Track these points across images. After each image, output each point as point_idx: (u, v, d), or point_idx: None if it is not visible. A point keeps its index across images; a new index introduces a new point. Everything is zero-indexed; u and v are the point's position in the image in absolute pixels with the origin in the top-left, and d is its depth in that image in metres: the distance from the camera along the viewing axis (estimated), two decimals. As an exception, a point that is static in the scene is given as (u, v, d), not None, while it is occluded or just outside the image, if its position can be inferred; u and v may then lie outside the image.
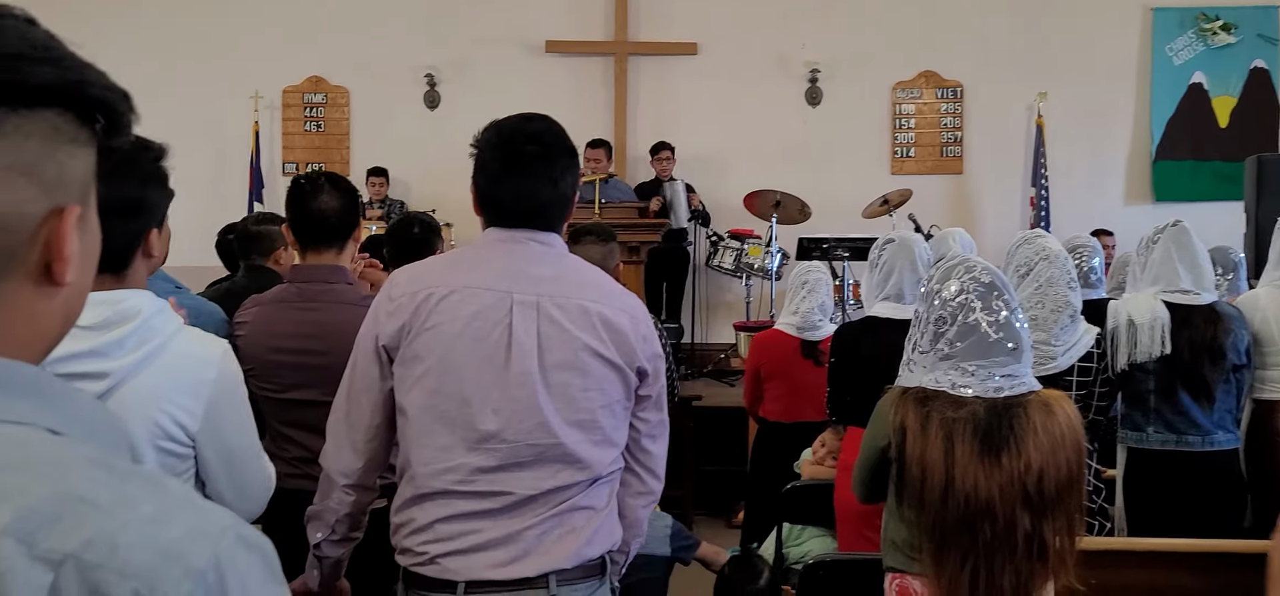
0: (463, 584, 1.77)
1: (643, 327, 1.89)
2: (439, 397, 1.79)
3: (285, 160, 8.37)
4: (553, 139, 1.89)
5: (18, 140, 0.67)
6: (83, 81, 0.70)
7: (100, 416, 0.74)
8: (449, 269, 1.89)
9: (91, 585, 0.61)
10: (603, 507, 1.87)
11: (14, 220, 0.68)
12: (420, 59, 8.11)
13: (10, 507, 0.61)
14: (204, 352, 1.72)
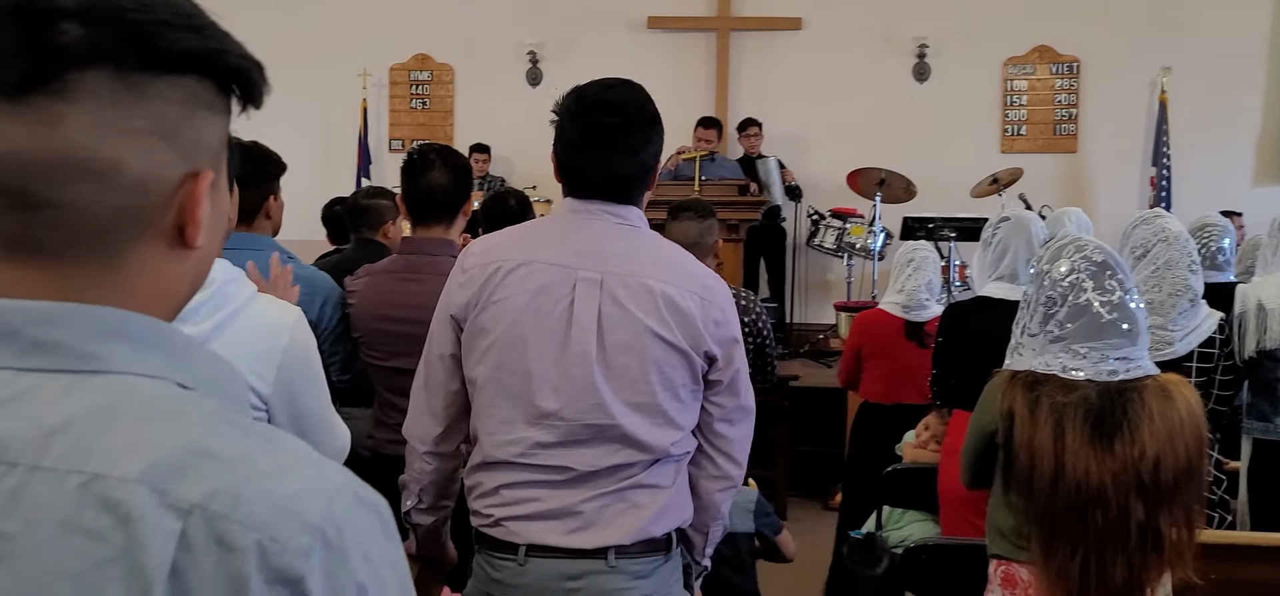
0: (524, 546, 1.78)
1: (715, 312, 1.82)
2: (502, 371, 1.79)
3: (391, 137, 8.55)
4: (634, 109, 1.84)
5: (160, 105, 0.69)
6: (222, 50, 0.72)
7: (223, 373, 0.76)
8: (520, 242, 1.87)
9: (217, 534, 0.63)
10: (669, 486, 1.84)
11: (152, 183, 0.69)
12: (523, 37, 8.18)
13: (144, 457, 0.63)
14: (277, 319, 1.76)
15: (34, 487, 0.63)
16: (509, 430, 1.79)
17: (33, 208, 0.66)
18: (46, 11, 0.64)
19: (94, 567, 0.61)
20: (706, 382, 1.85)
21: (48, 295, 0.67)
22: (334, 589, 0.65)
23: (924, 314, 4.06)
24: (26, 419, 0.65)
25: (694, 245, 3.22)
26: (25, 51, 0.64)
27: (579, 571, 1.77)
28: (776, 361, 3.57)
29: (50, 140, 0.65)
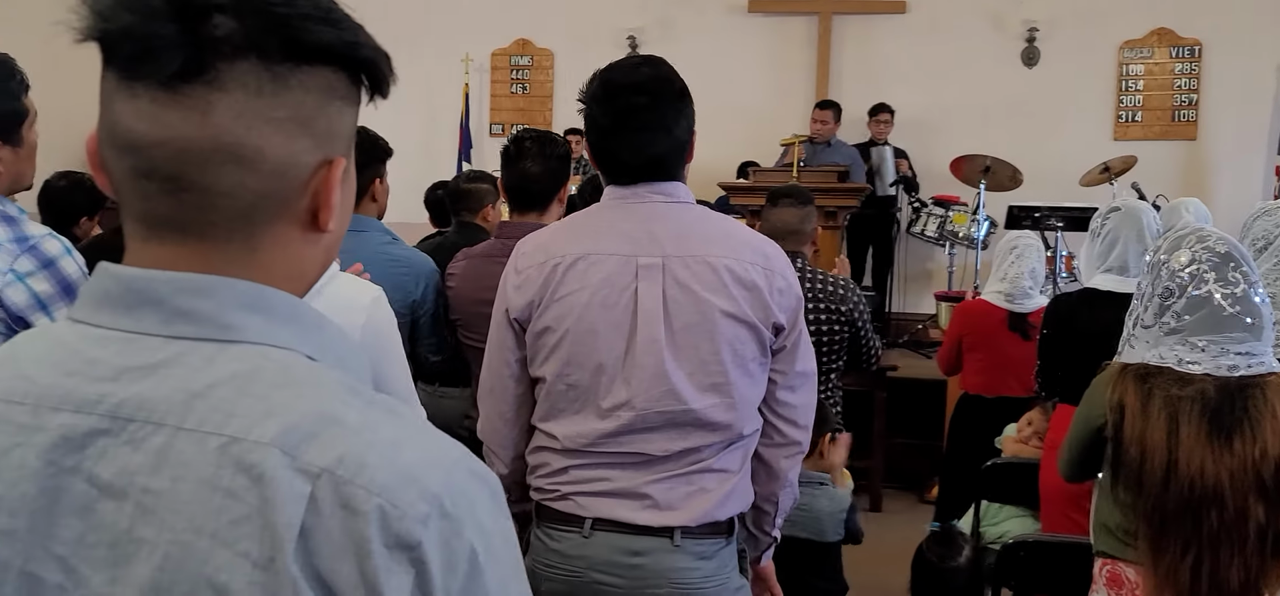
0: (590, 520, 1.78)
1: (778, 280, 1.80)
2: (571, 367, 1.78)
3: (492, 121, 8.68)
4: (662, 85, 1.80)
5: (300, 94, 0.72)
6: (356, 43, 0.75)
7: (348, 347, 0.79)
8: (574, 235, 1.84)
9: (343, 498, 0.66)
10: (736, 470, 1.83)
11: (291, 169, 0.73)
12: (623, 22, 8.20)
13: (277, 422, 0.67)
14: (355, 299, 1.79)
15: (178, 447, 0.67)
16: (579, 423, 1.79)
17: (184, 190, 0.71)
18: (202, 5, 0.68)
19: (231, 525, 0.65)
20: (772, 351, 1.83)
21: (191, 270, 0.72)
22: (449, 556, 0.67)
23: (1028, 304, 3.95)
24: (172, 383, 0.69)
25: (793, 232, 3.19)
26: (182, 43, 0.68)
27: (643, 547, 1.77)
28: (878, 348, 3.50)
29: (202, 127, 0.69)
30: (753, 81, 7.94)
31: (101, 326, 0.72)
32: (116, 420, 0.69)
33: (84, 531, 0.68)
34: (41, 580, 0.68)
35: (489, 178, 3.71)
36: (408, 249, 2.82)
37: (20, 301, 1.77)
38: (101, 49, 0.71)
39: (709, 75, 7.82)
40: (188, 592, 0.65)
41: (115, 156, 0.72)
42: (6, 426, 0.71)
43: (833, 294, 3.22)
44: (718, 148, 7.47)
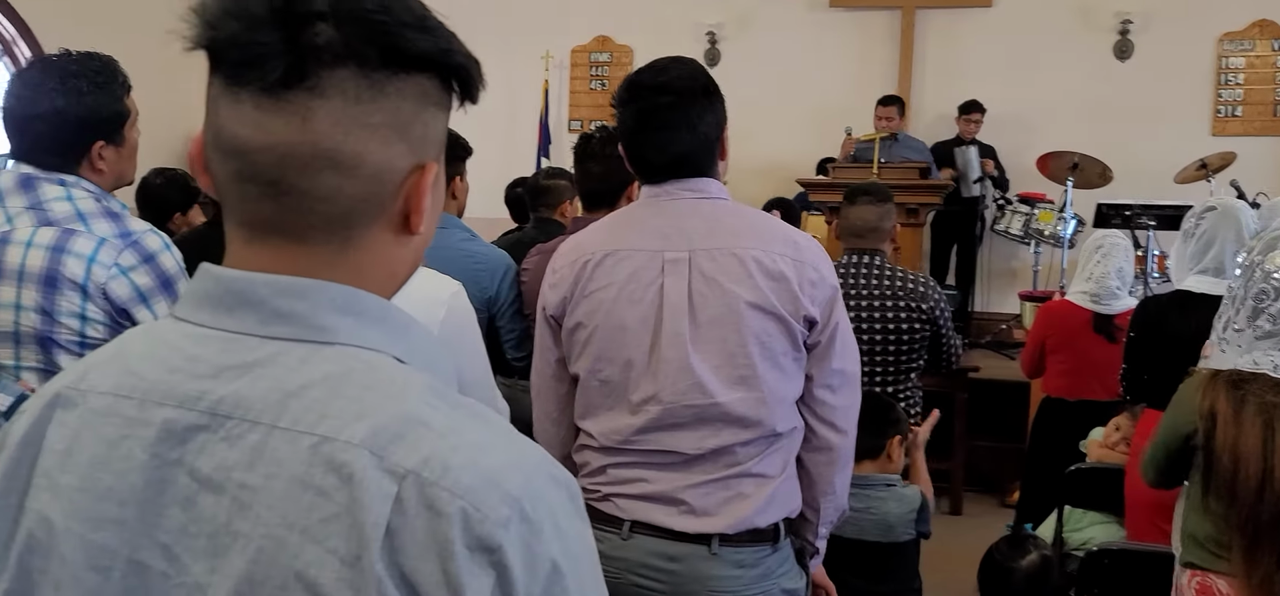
0: (628, 522, 1.79)
1: (809, 272, 1.77)
2: (601, 362, 1.79)
3: (571, 117, 8.74)
4: (685, 84, 1.80)
5: (396, 101, 0.74)
6: (450, 50, 0.77)
7: (435, 349, 0.81)
8: (606, 233, 1.86)
9: (427, 499, 0.67)
10: (777, 475, 1.80)
11: (387, 173, 0.75)
12: (703, 17, 8.18)
13: (366, 424, 0.69)
14: (435, 293, 1.82)
15: (273, 445, 0.70)
16: (612, 418, 1.80)
17: (284, 194, 0.73)
18: (304, 14, 0.70)
19: (321, 522, 0.67)
20: (806, 347, 1.80)
21: (288, 272, 0.74)
22: (529, 559, 0.69)
23: (1114, 305, 3.84)
24: (268, 382, 0.72)
25: (871, 230, 3.16)
26: (285, 50, 0.70)
27: (680, 554, 1.76)
28: (958, 350, 3.44)
29: (303, 133, 0.72)
30: (833, 77, 7.85)
31: (203, 325, 0.75)
32: (215, 417, 0.72)
33: (186, 522, 0.71)
34: (147, 567, 0.71)
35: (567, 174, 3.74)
36: (485, 245, 2.87)
37: (123, 294, 1.84)
38: (209, 56, 0.73)
39: (788, 71, 7.81)
40: (280, 586, 0.67)
41: (220, 160, 0.75)
42: (116, 419, 0.74)
43: (913, 292, 3.18)
44: (796, 144, 7.44)
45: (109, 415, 0.75)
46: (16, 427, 0.79)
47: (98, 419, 0.75)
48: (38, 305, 1.81)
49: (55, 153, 1.87)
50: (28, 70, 1.91)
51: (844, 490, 1.92)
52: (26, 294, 1.82)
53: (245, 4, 0.71)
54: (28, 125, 1.85)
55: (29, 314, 1.82)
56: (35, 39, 6.78)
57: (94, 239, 1.84)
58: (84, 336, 1.84)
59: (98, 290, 1.82)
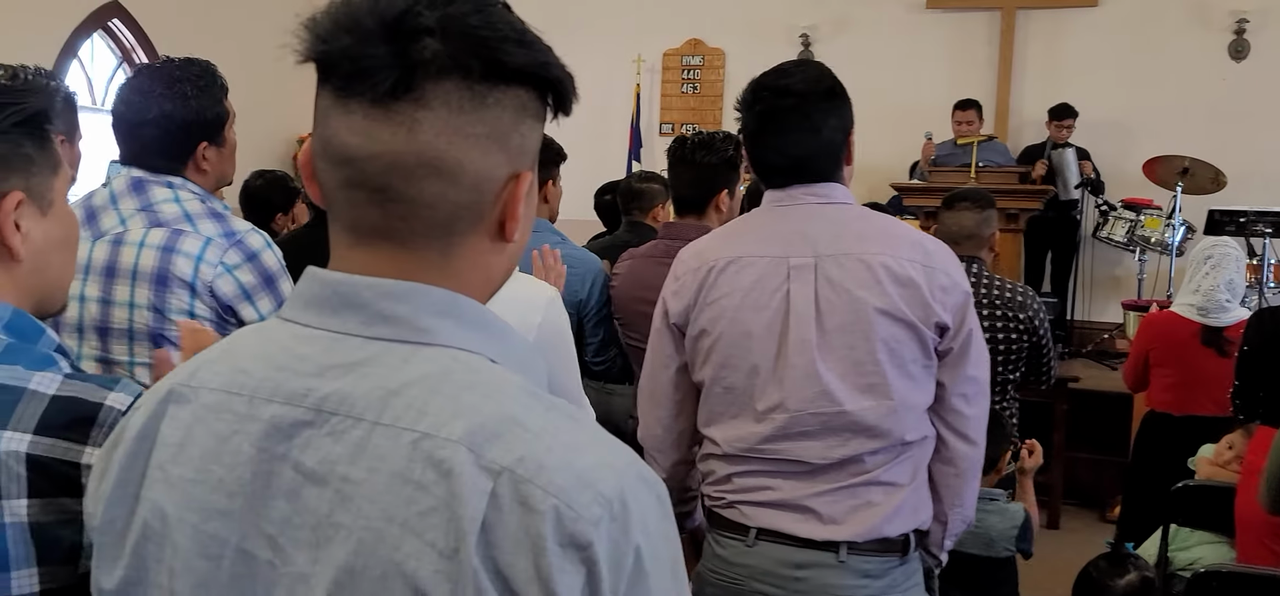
0: (755, 530, 1.77)
1: (941, 277, 1.72)
2: (726, 370, 1.78)
3: (662, 121, 8.76)
4: (808, 86, 1.76)
5: (497, 112, 0.77)
6: (547, 63, 0.79)
7: (529, 353, 0.83)
8: (729, 239, 1.84)
9: (521, 497, 0.69)
10: (906, 484, 1.76)
11: (485, 182, 0.78)
12: (797, 19, 8.11)
13: (464, 422, 0.72)
14: (532, 297, 1.84)
15: (375, 441, 0.73)
16: (737, 426, 1.78)
17: (390, 200, 0.76)
18: (412, 29, 0.73)
19: (420, 515, 0.70)
20: (938, 355, 1.75)
21: (391, 276, 0.77)
22: (617, 557, 0.70)
23: (1224, 318, 3.68)
24: (371, 381, 0.75)
25: (969, 237, 3.09)
26: (393, 63, 0.73)
27: (806, 561, 1.74)
28: (1056, 363, 3.35)
29: (409, 142, 0.75)
30: (930, 80, 7.70)
31: (309, 325, 0.79)
32: (320, 413, 0.75)
33: (291, 514, 0.74)
34: (254, 556, 0.75)
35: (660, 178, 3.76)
36: (576, 249, 2.90)
37: (228, 291, 1.92)
38: (319, 69, 0.77)
39: (884, 74, 7.68)
40: (379, 577, 0.70)
41: (328, 168, 0.78)
42: (227, 415, 0.78)
43: (1011, 301, 3.10)
44: (890, 148, 7.31)
45: (220, 411, 0.78)
46: (133, 422, 0.83)
47: (209, 414, 0.79)
48: (150, 303, 1.89)
49: (163, 155, 1.95)
50: (135, 78, 1.99)
51: (972, 501, 1.89)
52: (140, 292, 1.90)
53: (357, 19, 0.74)
54: (137, 130, 1.94)
55: (142, 311, 1.90)
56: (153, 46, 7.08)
57: (201, 238, 1.92)
58: None
59: (205, 288, 1.90)
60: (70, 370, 1.02)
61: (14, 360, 0.99)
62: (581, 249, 2.97)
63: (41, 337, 1.04)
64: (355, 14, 0.74)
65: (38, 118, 1.04)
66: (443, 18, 0.74)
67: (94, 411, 0.97)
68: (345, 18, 0.74)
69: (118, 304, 1.91)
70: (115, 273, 1.91)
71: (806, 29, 8.10)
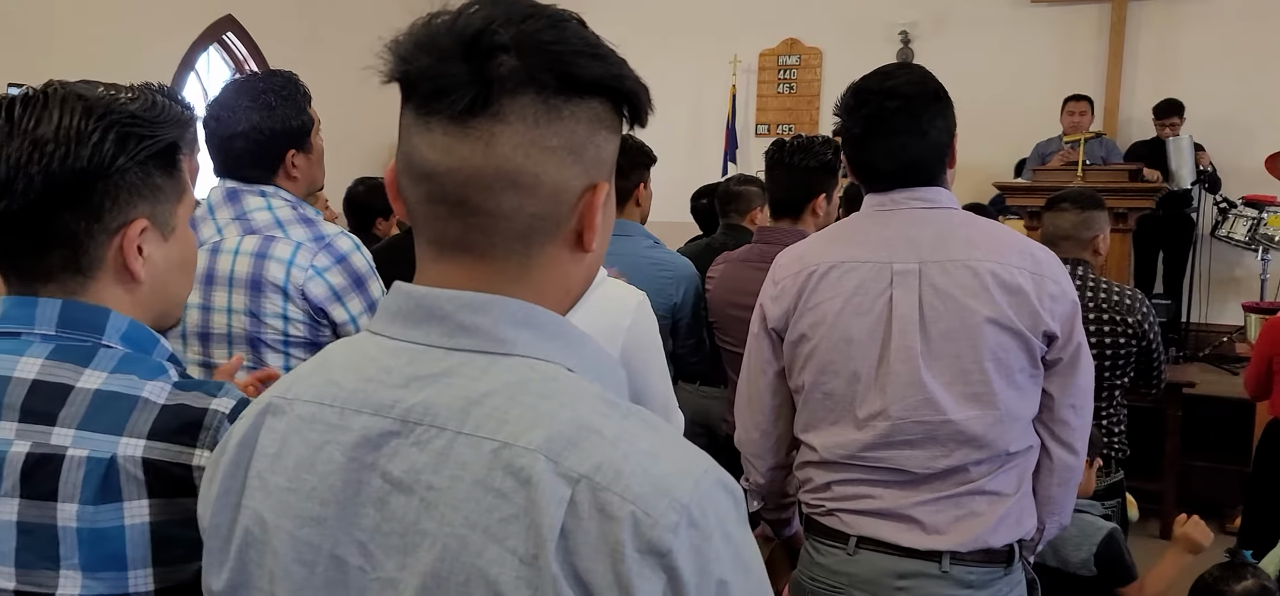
0: (855, 538, 1.75)
1: (1050, 285, 1.68)
2: (826, 376, 1.75)
3: (758, 121, 8.71)
4: (914, 89, 1.74)
5: (572, 125, 0.78)
6: (621, 76, 0.81)
7: (606, 362, 0.85)
8: (829, 244, 1.82)
9: (599, 503, 0.70)
10: (1011, 493, 1.72)
11: (562, 193, 0.79)
12: (896, 16, 7.98)
13: (542, 431, 0.73)
14: (621, 303, 1.84)
15: (457, 450, 0.75)
16: (837, 433, 1.76)
17: (470, 213, 0.78)
18: (488, 47, 0.75)
19: (501, 522, 0.72)
20: (1045, 364, 1.71)
21: (471, 289, 0.79)
22: (699, 563, 0.71)
23: (1356, 322, 3.49)
24: (453, 391, 0.77)
25: (1065, 238, 2.99)
26: (471, 81, 0.75)
27: (909, 570, 1.71)
28: (1165, 368, 3.21)
29: (487, 157, 0.77)
30: (1034, 76, 7.49)
31: (395, 338, 0.81)
32: (406, 423, 0.77)
33: (380, 521, 0.76)
34: (346, 562, 0.78)
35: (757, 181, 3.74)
36: (670, 253, 2.90)
37: (319, 293, 1.98)
38: (402, 88, 0.80)
39: (986, 70, 7.50)
40: (463, 582, 0.72)
41: (411, 183, 0.80)
42: (319, 425, 0.81)
43: (1119, 304, 2.99)
44: (995, 146, 7.14)
45: (313, 422, 0.81)
46: (235, 433, 0.87)
47: (303, 425, 0.82)
48: (246, 308, 1.97)
49: (255, 165, 2.02)
50: (222, 94, 2.07)
51: (1069, 510, 1.86)
52: (236, 298, 1.98)
53: (435, 39, 0.76)
54: (228, 143, 2.01)
55: (239, 316, 1.98)
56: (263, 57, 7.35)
57: (291, 244, 1.98)
58: (287, 336, 1.98)
59: (297, 291, 1.96)
60: (179, 378, 1.07)
61: (130, 370, 1.04)
62: (674, 253, 2.97)
63: (156, 348, 1.09)
64: (434, 34, 0.76)
65: (170, 149, 1.09)
66: (518, 35, 0.75)
67: (200, 416, 1.02)
68: (425, 38, 0.77)
69: (216, 310, 1.99)
70: (213, 280, 1.99)
71: (906, 26, 7.95)
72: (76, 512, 0.97)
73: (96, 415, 1.00)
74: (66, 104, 1.02)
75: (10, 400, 1.01)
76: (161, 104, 1.07)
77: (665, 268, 2.77)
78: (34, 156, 0.99)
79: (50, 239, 1.03)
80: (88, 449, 0.98)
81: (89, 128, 1.01)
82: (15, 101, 1.03)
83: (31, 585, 0.98)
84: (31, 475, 0.98)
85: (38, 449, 0.99)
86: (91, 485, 0.97)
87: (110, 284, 1.06)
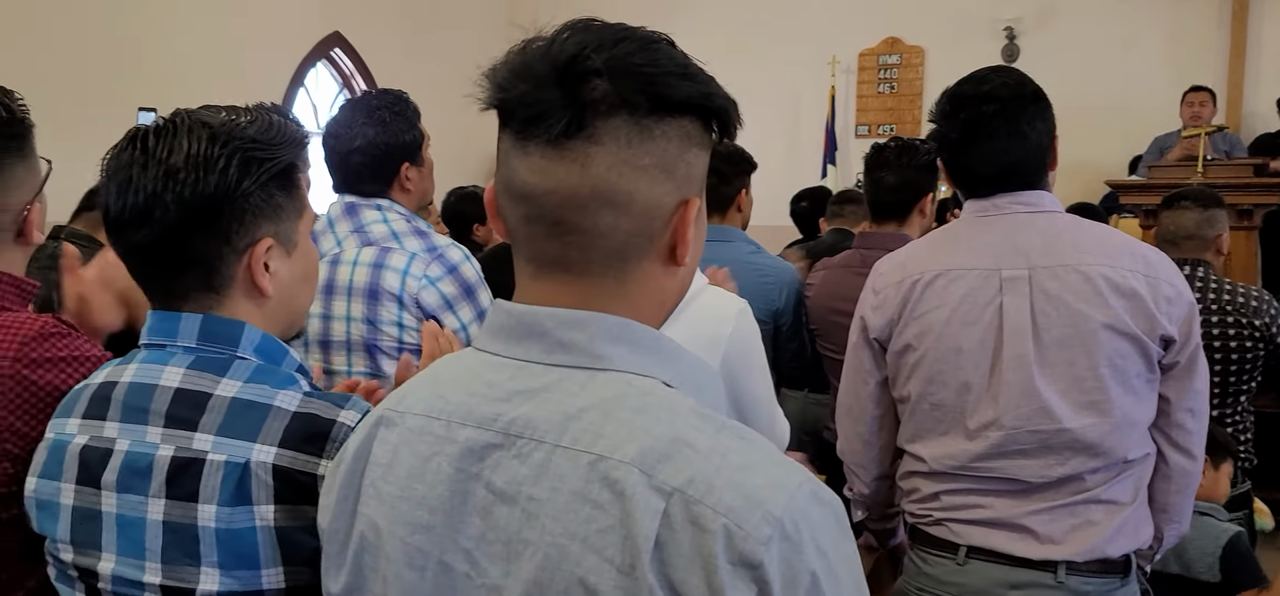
0: (965, 548, 1.71)
1: (1166, 288, 1.64)
2: (934, 386, 1.73)
3: (858, 122, 8.58)
4: (1011, 90, 1.71)
5: (663, 143, 0.81)
6: (710, 94, 0.83)
7: (702, 374, 0.87)
8: (933, 251, 1.79)
9: (692, 516, 0.72)
10: (1128, 502, 1.67)
11: (655, 209, 0.82)
12: (1001, 11, 7.76)
13: (636, 445, 0.75)
14: (722, 310, 1.84)
15: (556, 462, 0.77)
16: (947, 443, 1.73)
17: (568, 232, 0.81)
18: (582, 72, 0.78)
19: (598, 533, 0.74)
20: (1161, 368, 1.67)
21: (569, 305, 0.82)
22: (790, 576, 0.72)
23: None
24: (552, 405, 0.80)
25: (1188, 238, 2.89)
26: (566, 105, 0.78)
27: (1022, 580, 1.67)
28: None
29: (583, 177, 0.79)
30: (1148, 68, 7.20)
31: (497, 354, 0.85)
32: (507, 436, 0.80)
33: (484, 530, 0.79)
34: (453, 569, 0.81)
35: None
36: (772, 258, 2.88)
37: (432, 302, 2.05)
38: (500, 115, 0.83)
39: (1097, 64, 7.26)
40: (563, 590, 0.74)
41: (510, 205, 0.84)
42: (428, 437, 0.85)
43: (1244, 306, 2.86)
44: (1106, 143, 6.89)
45: (422, 434, 0.85)
46: (351, 444, 0.92)
47: (413, 437, 0.86)
48: (364, 316, 2.06)
49: (372, 178, 2.12)
50: (339, 114, 2.17)
51: (1188, 517, 1.82)
52: (355, 307, 2.07)
53: (531, 67, 0.80)
54: (347, 159, 2.11)
55: (357, 324, 2.07)
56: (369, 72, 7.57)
57: (406, 254, 2.07)
58: (402, 343, 2.05)
59: (412, 299, 2.04)
60: (309, 389, 1.12)
61: (263, 380, 1.10)
62: (775, 258, 2.95)
63: (285, 358, 1.16)
64: (530, 62, 0.79)
65: (289, 170, 1.14)
66: (609, 59, 0.78)
67: (328, 427, 1.06)
68: (521, 66, 0.80)
69: (336, 319, 2.07)
70: (333, 290, 2.07)
71: (1010, 21, 7.74)
72: (215, 514, 1.03)
73: (233, 422, 1.06)
74: (193, 132, 1.08)
75: (156, 407, 1.08)
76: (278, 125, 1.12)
77: (767, 273, 2.75)
78: (168, 184, 1.05)
79: (185, 261, 1.09)
80: (225, 454, 1.04)
81: (215, 154, 1.07)
82: (148, 132, 1.09)
83: (176, 580, 1.05)
84: (176, 478, 1.05)
85: (181, 453, 1.05)
86: (228, 488, 1.03)
87: (240, 299, 1.13)
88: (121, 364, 1.15)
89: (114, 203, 1.08)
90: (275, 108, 1.17)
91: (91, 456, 1.09)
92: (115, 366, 1.15)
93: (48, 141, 1.38)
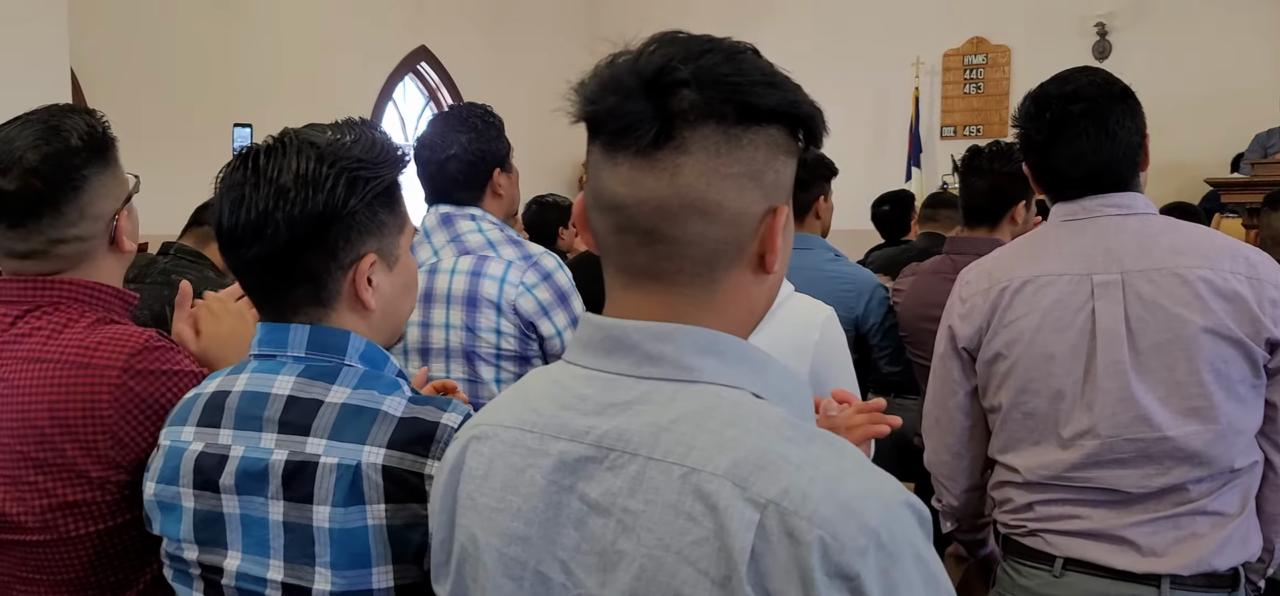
0: (1061, 560, 1.67)
1: (1269, 290, 1.58)
2: (1025, 395, 1.69)
3: (943, 124, 8.45)
4: (1098, 90, 1.67)
5: (751, 152, 0.81)
6: (796, 102, 0.83)
7: (792, 384, 0.87)
8: (1020, 258, 1.75)
9: (787, 528, 0.72)
10: (1235, 513, 1.61)
11: (744, 218, 0.82)
12: (1090, 8, 7.57)
13: (729, 457, 0.76)
14: (809, 317, 1.85)
15: (649, 475, 0.78)
16: (1040, 453, 1.70)
17: (657, 242, 0.82)
18: (670, 84, 0.80)
19: (693, 545, 0.74)
20: (1267, 372, 1.61)
21: (659, 315, 0.83)
22: (887, 586, 0.72)
23: None
24: (643, 418, 0.81)
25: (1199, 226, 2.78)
26: (654, 116, 0.80)
27: (1123, 594, 1.63)
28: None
29: (672, 187, 0.80)
30: (1250, 62, 6.93)
31: (588, 367, 0.86)
32: (600, 448, 0.81)
33: (579, 540, 0.81)
34: (549, 579, 0.83)
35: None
36: (851, 265, 2.85)
37: (529, 309, 2.10)
38: (588, 127, 0.84)
39: (1194, 59, 7.03)
40: None
41: (600, 216, 0.85)
42: (521, 450, 0.87)
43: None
44: (1205, 139, 6.67)
45: (515, 447, 0.87)
46: (448, 457, 0.95)
47: (506, 450, 0.88)
48: (463, 323, 2.11)
49: (465, 186, 2.18)
50: (430, 127, 2.24)
51: None
52: (454, 314, 2.12)
53: (619, 79, 0.80)
54: (442, 167, 2.17)
55: (456, 331, 2.12)
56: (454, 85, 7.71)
57: (503, 262, 2.12)
58: (499, 349, 2.11)
59: (509, 306, 2.10)
60: (412, 393, 1.16)
61: (370, 385, 1.14)
62: (855, 265, 2.91)
63: (387, 365, 1.20)
64: (618, 74, 0.80)
65: (392, 188, 1.18)
66: (697, 69, 0.79)
67: (432, 429, 1.10)
68: (609, 79, 0.81)
69: (435, 326, 2.13)
70: (432, 299, 2.13)
71: (1102, 18, 7.54)
72: (329, 514, 1.07)
73: (343, 426, 1.09)
74: (302, 152, 1.12)
75: (269, 414, 1.12)
76: (381, 144, 1.17)
77: (846, 281, 2.73)
78: (279, 202, 1.10)
79: (295, 276, 1.13)
80: (337, 457, 1.08)
81: (323, 174, 1.11)
82: (259, 151, 1.14)
83: (295, 578, 1.09)
84: (291, 481, 1.09)
85: (295, 457, 1.10)
86: (341, 489, 1.07)
87: (346, 312, 1.17)
88: (233, 373, 1.19)
89: (227, 219, 1.12)
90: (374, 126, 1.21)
91: (207, 463, 1.14)
92: (227, 375, 1.20)
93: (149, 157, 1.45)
